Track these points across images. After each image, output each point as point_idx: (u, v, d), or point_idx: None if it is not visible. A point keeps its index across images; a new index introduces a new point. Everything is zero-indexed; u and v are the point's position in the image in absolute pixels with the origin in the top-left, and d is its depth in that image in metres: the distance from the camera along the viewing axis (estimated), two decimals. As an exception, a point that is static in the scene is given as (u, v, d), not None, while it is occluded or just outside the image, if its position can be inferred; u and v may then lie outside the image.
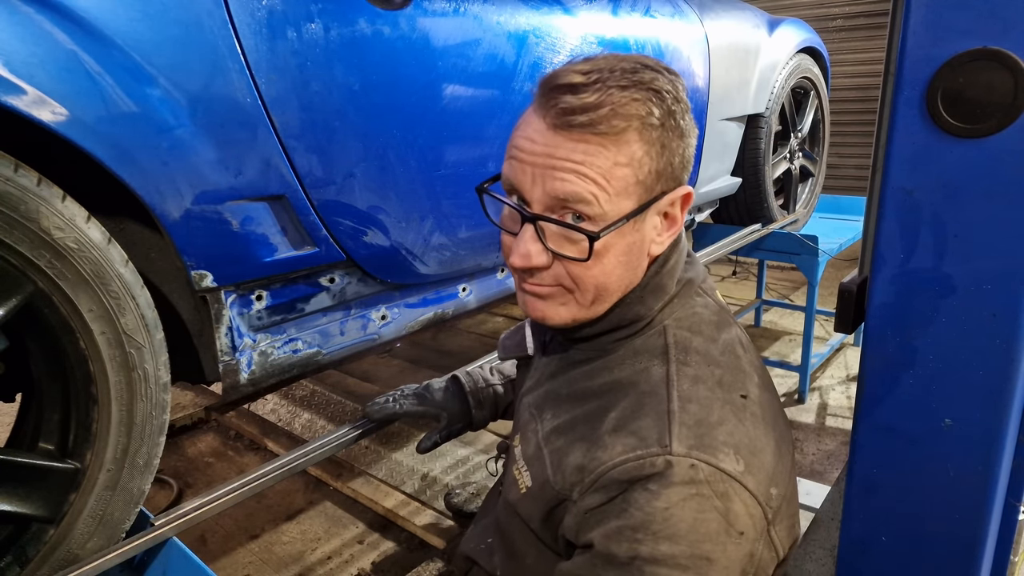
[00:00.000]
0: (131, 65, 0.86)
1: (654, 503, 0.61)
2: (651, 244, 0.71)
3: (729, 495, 0.62)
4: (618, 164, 0.64)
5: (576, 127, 0.63)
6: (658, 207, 0.69)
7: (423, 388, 1.17)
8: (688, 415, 0.65)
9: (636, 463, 0.63)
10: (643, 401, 0.68)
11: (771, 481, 0.66)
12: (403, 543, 1.82)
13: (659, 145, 0.65)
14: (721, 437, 0.64)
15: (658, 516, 0.60)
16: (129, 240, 1.02)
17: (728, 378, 0.70)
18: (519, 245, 0.68)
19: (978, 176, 0.75)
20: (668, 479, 0.61)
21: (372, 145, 1.16)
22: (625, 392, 0.70)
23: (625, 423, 0.67)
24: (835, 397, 2.83)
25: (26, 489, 0.85)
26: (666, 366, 0.70)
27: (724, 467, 0.62)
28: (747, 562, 0.63)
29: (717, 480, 0.62)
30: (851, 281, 0.90)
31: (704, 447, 0.63)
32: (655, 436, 0.64)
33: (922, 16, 0.74)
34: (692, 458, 0.62)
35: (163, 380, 0.95)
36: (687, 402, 0.66)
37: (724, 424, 0.65)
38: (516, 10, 1.36)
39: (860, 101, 5.27)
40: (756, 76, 2.27)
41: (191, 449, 2.36)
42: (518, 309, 3.47)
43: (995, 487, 0.80)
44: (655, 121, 0.64)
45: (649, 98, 0.64)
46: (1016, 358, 0.76)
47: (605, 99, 0.62)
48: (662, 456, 0.62)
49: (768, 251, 2.68)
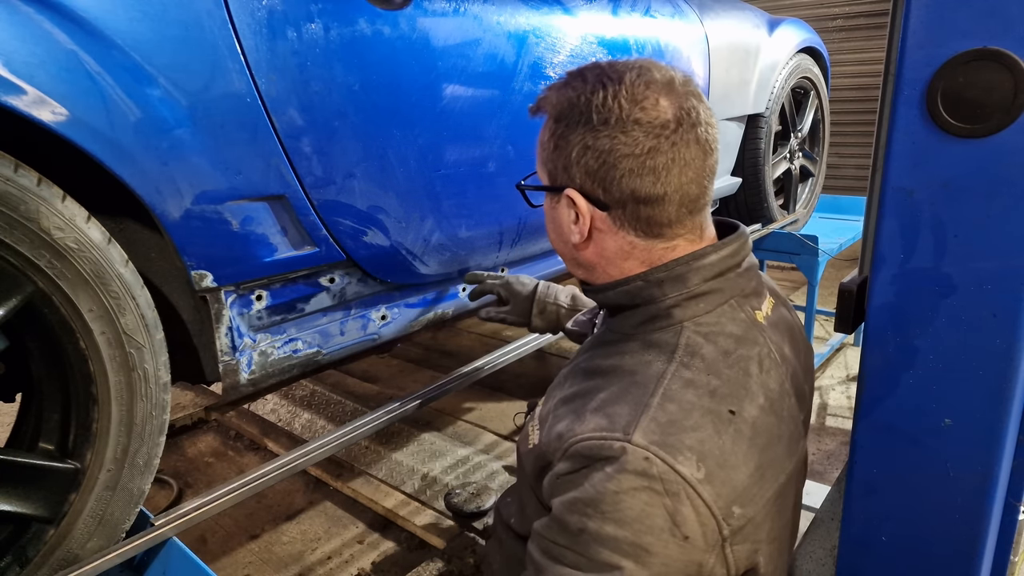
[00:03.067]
0: (131, 65, 0.86)
1: (607, 484, 0.64)
2: (570, 230, 0.78)
3: (680, 497, 0.63)
4: (540, 141, 0.79)
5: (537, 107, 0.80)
6: (565, 198, 0.76)
7: (515, 277, 1.35)
8: (663, 412, 0.67)
9: (598, 442, 0.67)
10: (630, 389, 0.71)
11: (737, 499, 0.66)
12: (403, 543, 1.81)
13: (556, 138, 0.75)
14: (688, 442, 0.65)
15: (608, 498, 0.63)
16: (129, 240, 1.02)
17: (724, 390, 0.70)
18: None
19: (978, 176, 0.75)
20: (622, 465, 0.64)
21: (372, 145, 1.16)
22: (622, 377, 0.73)
23: (606, 404, 0.70)
24: (835, 397, 2.83)
25: (26, 489, 0.85)
26: (667, 365, 0.71)
27: (680, 469, 0.64)
28: (693, 569, 0.64)
29: (671, 480, 0.63)
30: (851, 281, 0.90)
31: (666, 446, 0.65)
32: (623, 422, 0.67)
33: (922, 16, 0.74)
34: (649, 452, 0.64)
35: (163, 380, 0.95)
36: (668, 401, 0.68)
37: (698, 431, 0.67)
38: (516, 10, 1.36)
39: (860, 101, 5.27)
40: (756, 76, 2.27)
41: (191, 449, 2.36)
42: (518, 309, 3.47)
43: (995, 487, 0.80)
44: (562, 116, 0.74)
45: (569, 98, 0.74)
46: (1016, 358, 0.76)
47: (552, 86, 0.78)
48: (620, 442, 0.65)
49: (768, 251, 2.68)
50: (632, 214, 0.74)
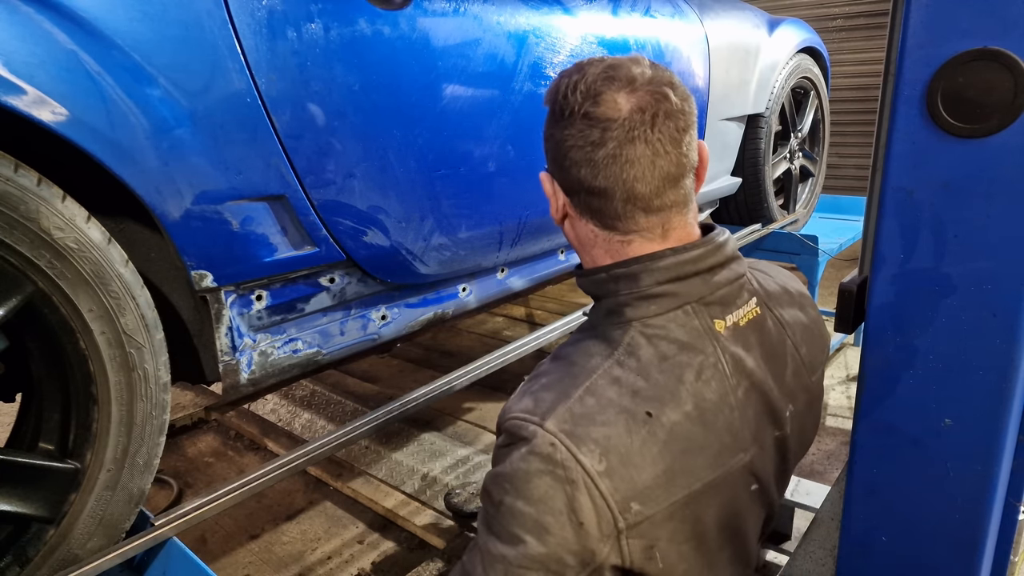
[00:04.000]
0: (131, 65, 0.86)
1: (520, 464, 0.68)
2: (555, 210, 0.82)
3: (578, 485, 0.67)
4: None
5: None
6: (557, 190, 0.80)
7: None
8: (581, 405, 0.70)
9: (519, 422, 0.71)
10: (563, 379, 0.74)
11: (636, 496, 0.68)
12: (403, 543, 1.81)
13: (546, 126, 0.78)
14: (595, 435, 0.68)
15: (520, 475, 0.68)
16: (129, 240, 1.02)
17: (647, 393, 0.71)
18: None
19: (978, 176, 0.75)
20: (532, 447, 0.68)
21: (372, 145, 1.16)
22: (564, 367, 0.76)
23: (541, 389, 0.74)
24: (835, 397, 2.83)
25: (26, 489, 0.85)
26: (604, 361, 0.74)
27: (582, 459, 0.67)
28: (586, 554, 0.67)
29: (572, 468, 0.67)
30: (851, 281, 0.90)
31: (573, 436, 0.68)
32: (543, 407, 0.70)
33: (922, 16, 0.74)
34: (556, 439, 0.68)
35: (163, 380, 0.95)
36: (589, 395, 0.71)
37: (607, 427, 0.69)
38: (516, 10, 1.36)
39: (860, 101, 5.27)
40: (756, 76, 2.27)
41: (191, 449, 2.36)
42: (518, 309, 3.47)
43: (995, 487, 0.80)
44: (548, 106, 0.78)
45: (551, 88, 0.77)
46: (1016, 358, 0.76)
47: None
48: (534, 425, 0.69)
49: (768, 251, 2.68)
50: (585, 203, 0.78)
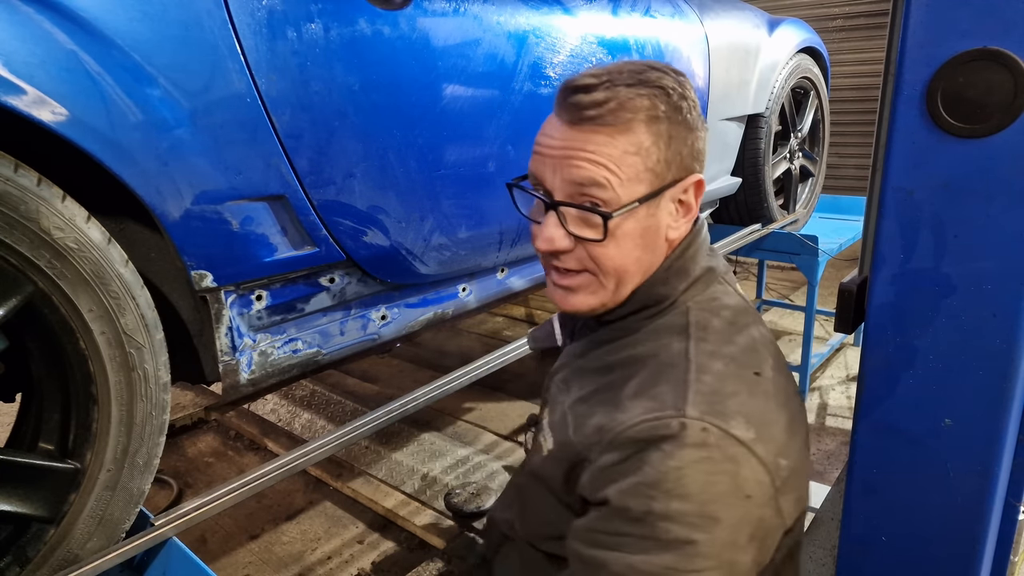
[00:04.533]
0: (131, 65, 0.86)
1: (667, 462, 0.65)
2: (668, 229, 0.77)
3: (738, 459, 0.66)
4: (627, 152, 0.71)
5: (588, 120, 0.71)
6: (672, 194, 0.75)
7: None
8: (703, 384, 0.69)
9: (652, 424, 0.67)
10: (662, 370, 0.73)
11: (780, 453, 0.69)
12: (403, 543, 1.82)
13: (666, 136, 0.72)
14: (733, 406, 0.68)
15: (671, 475, 0.64)
16: (129, 240, 1.02)
17: (743, 357, 0.74)
18: (543, 230, 0.75)
19: (978, 176, 0.75)
20: (681, 440, 0.65)
21: (372, 145, 1.16)
22: (645, 363, 0.75)
23: (644, 389, 0.72)
24: (835, 397, 2.83)
25: (26, 489, 0.85)
26: (686, 342, 0.74)
27: (735, 433, 0.66)
28: (755, 525, 0.67)
29: (727, 444, 0.66)
30: (851, 281, 0.90)
31: (717, 413, 0.67)
32: (671, 400, 0.68)
33: (922, 16, 0.74)
34: (705, 422, 0.66)
35: (163, 380, 0.95)
36: (703, 373, 0.71)
37: (737, 395, 0.69)
38: (516, 10, 1.36)
39: (860, 101, 5.27)
40: (756, 76, 2.27)
41: (191, 449, 2.36)
42: (518, 309, 3.47)
43: (995, 487, 0.80)
44: (660, 114, 0.72)
45: (654, 94, 0.72)
46: (1016, 358, 0.76)
47: (612, 95, 0.70)
48: (676, 419, 0.66)
49: (768, 251, 2.68)
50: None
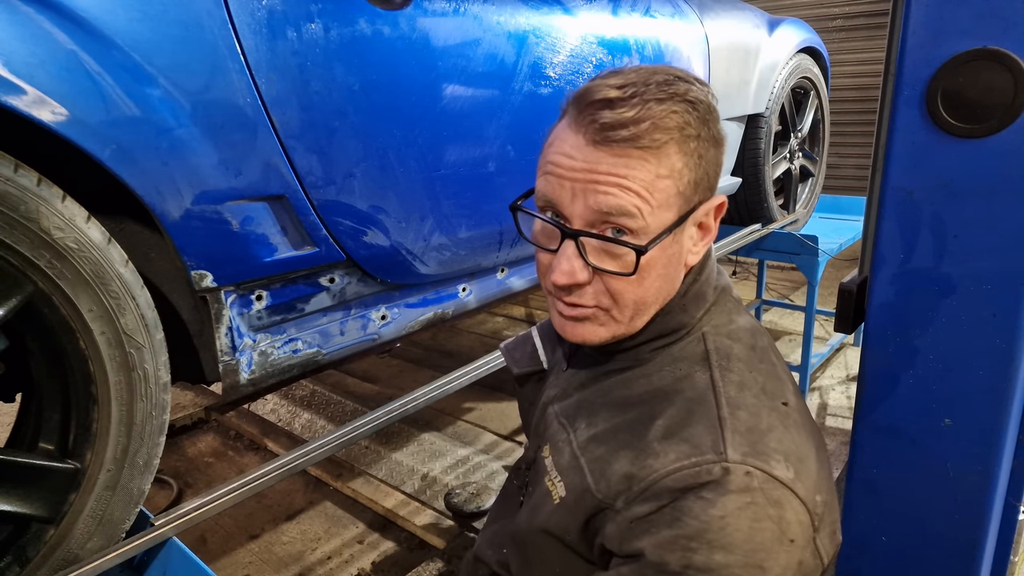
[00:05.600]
0: (131, 65, 0.86)
1: (710, 511, 0.60)
2: (688, 254, 0.72)
3: (782, 503, 0.61)
4: (660, 176, 0.64)
5: (618, 142, 0.63)
6: (695, 217, 0.70)
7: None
8: (739, 422, 0.64)
9: (692, 471, 0.62)
10: (691, 408, 0.67)
11: (816, 488, 0.65)
12: (403, 543, 1.82)
13: (696, 156, 0.66)
14: (772, 444, 0.63)
15: (714, 525, 0.59)
16: (129, 240, 1.02)
17: (770, 386, 0.69)
18: (561, 263, 0.67)
19: (978, 176, 0.75)
20: (724, 487, 0.60)
21: (372, 145, 1.16)
22: (670, 399, 0.69)
23: (675, 430, 0.66)
24: (835, 397, 2.83)
25: (26, 489, 0.85)
26: (709, 372, 0.69)
27: (777, 474, 0.61)
28: (796, 570, 0.62)
29: (771, 488, 0.61)
30: (851, 281, 0.90)
31: (758, 454, 0.62)
32: (709, 443, 0.63)
33: (922, 16, 0.74)
34: (748, 465, 0.61)
35: (163, 380, 0.95)
36: (736, 408, 0.66)
37: (773, 431, 0.65)
38: (516, 10, 1.36)
39: (860, 101, 5.27)
40: (756, 76, 2.27)
41: (191, 449, 2.36)
42: (518, 309, 3.47)
43: (995, 487, 0.80)
44: (692, 132, 0.65)
45: (686, 110, 0.65)
46: (1016, 358, 0.76)
47: (645, 113, 0.62)
48: (719, 464, 0.61)
49: (768, 251, 2.68)
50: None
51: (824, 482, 0.67)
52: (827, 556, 0.67)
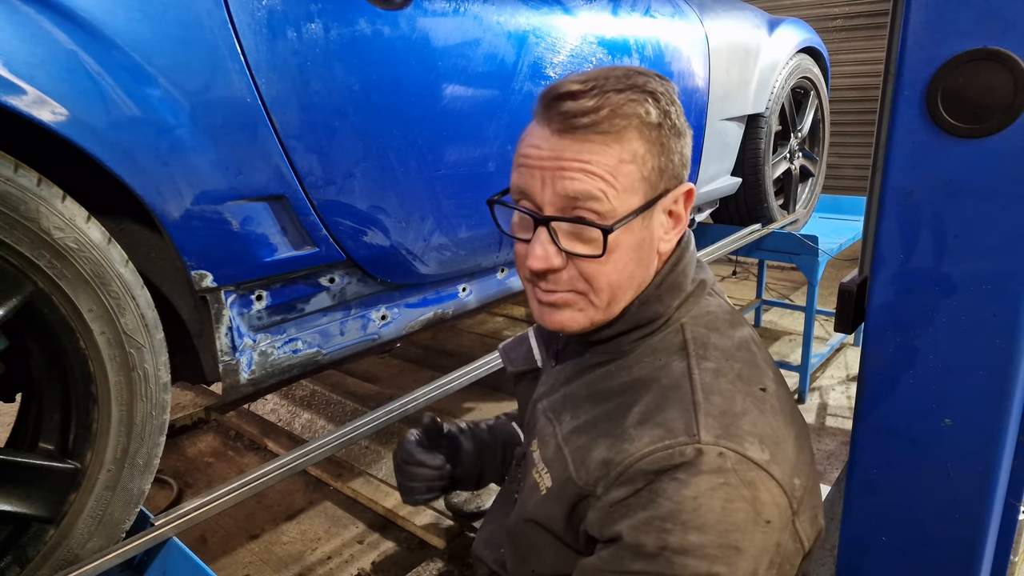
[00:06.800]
0: (131, 65, 0.86)
1: (683, 492, 0.61)
2: (659, 242, 0.74)
3: (756, 484, 0.63)
4: (623, 161, 0.67)
5: (580, 128, 0.67)
6: (663, 204, 0.72)
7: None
8: (713, 406, 0.66)
9: (665, 452, 0.64)
10: (667, 394, 0.69)
11: (794, 471, 0.66)
12: (403, 543, 1.82)
13: (659, 143, 0.69)
14: (746, 427, 0.65)
15: (687, 505, 0.61)
16: (129, 240, 1.02)
17: (746, 372, 0.71)
18: (534, 248, 0.70)
19: (978, 176, 0.75)
20: (697, 468, 0.62)
21: (372, 145, 1.16)
22: (647, 387, 0.71)
23: (650, 416, 0.68)
24: (835, 397, 2.83)
25: (26, 489, 0.85)
26: (686, 360, 0.71)
27: (751, 455, 0.63)
28: (774, 552, 0.63)
29: (744, 468, 0.62)
30: (851, 281, 0.90)
31: (731, 436, 0.64)
32: (682, 426, 0.65)
33: (922, 16, 0.74)
34: (720, 446, 0.63)
35: (163, 380, 0.95)
36: (710, 394, 0.67)
37: (747, 415, 0.66)
38: (516, 10, 1.36)
39: (860, 101, 5.27)
40: (756, 76, 2.27)
41: (191, 449, 2.36)
42: (518, 309, 3.47)
43: (995, 487, 0.80)
44: (653, 120, 0.68)
45: (645, 98, 0.68)
46: (1016, 358, 0.76)
47: (604, 102, 0.66)
48: (691, 445, 0.63)
49: (768, 251, 2.68)
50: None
51: (804, 467, 0.69)
52: (808, 541, 0.68)
